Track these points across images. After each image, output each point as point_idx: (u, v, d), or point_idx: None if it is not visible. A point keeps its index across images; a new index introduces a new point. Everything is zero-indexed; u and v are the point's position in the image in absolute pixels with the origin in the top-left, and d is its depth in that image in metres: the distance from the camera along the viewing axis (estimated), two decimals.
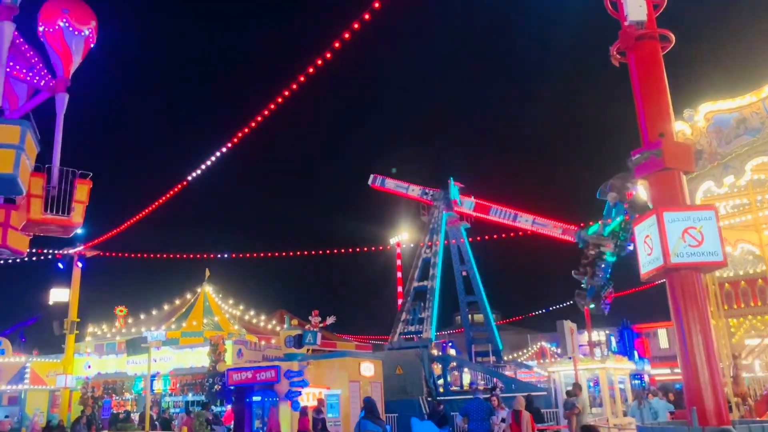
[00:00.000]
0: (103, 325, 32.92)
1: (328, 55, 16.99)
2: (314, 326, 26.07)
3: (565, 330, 16.02)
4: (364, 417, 10.57)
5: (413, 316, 35.35)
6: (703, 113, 12.37)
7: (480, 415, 13.44)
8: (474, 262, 40.41)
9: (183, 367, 27.65)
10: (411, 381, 30.79)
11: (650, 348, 54.70)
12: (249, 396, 24.99)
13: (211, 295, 32.74)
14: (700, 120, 12.38)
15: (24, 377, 28.74)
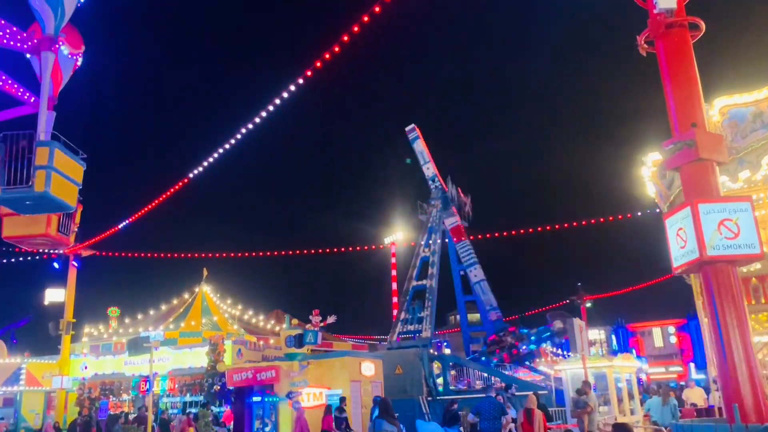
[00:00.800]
0: (100, 325, 32.51)
1: (327, 56, 16.76)
2: (315, 326, 25.81)
3: (574, 327, 15.85)
4: (378, 416, 10.37)
5: (412, 315, 35.17)
6: (719, 107, 12.23)
7: (492, 414, 13.24)
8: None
9: (182, 368, 27.32)
10: (411, 380, 30.58)
11: (645, 347, 54.95)
12: (249, 396, 24.70)
13: (209, 295, 32.40)
14: (715, 114, 12.24)
15: (19, 378, 28.28)
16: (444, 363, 34.27)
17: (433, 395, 30.72)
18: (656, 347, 55.56)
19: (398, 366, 30.91)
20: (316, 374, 24.19)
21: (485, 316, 39.82)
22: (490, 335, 38.86)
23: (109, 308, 33.45)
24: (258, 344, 29.90)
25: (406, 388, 29.47)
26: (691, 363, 51.35)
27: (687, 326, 53.00)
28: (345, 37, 14.78)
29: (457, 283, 40.72)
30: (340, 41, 15.20)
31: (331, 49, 15.56)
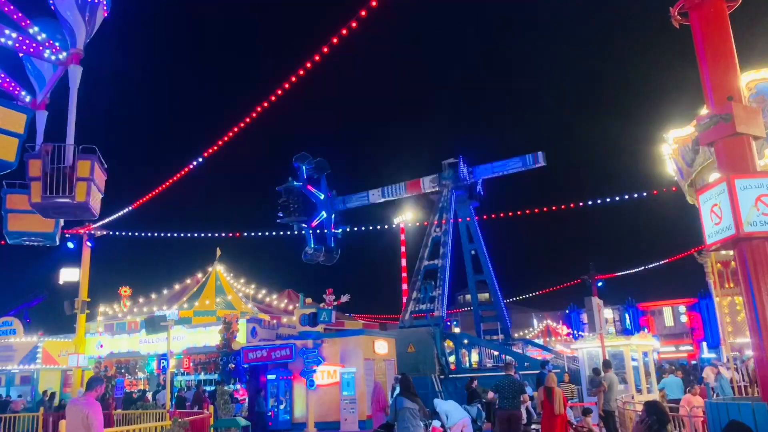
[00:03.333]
0: (114, 304, 32.73)
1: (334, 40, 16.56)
2: (328, 304, 25.91)
3: (592, 306, 15.78)
4: (399, 394, 10.36)
5: (424, 294, 35.23)
6: (746, 82, 11.96)
7: (511, 393, 13.20)
8: (482, 241, 40.19)
9: (196, 346, 27.51)
10: (423, 359, 30.76)
11: (655, 326, 54.89)
12: (263, 374, 24.92)
13: (223, 275, 32.52)
14: (742, 89, 11.98)
15: (36, 357, 28.63)
16: (456, 341, 34.39)
17: (446, 373, 30.90)
18: (666, 326, 55.51)
19: (411, 344, 31.08)
20: (330, 352, 24.35)
21: (496, 295, 39.84)
22: (502, 313, 38.93)
23: (121, 288, 33.66)
24: (272, 323, 30.04)
25: (418, 367, 29.64)
26: (703, 342, 51.31)
27: (698, 305, 52.85)
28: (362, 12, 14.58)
29: (468, 262, 40.68)
30: (348, 26, 15.02)
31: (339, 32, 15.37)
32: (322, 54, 17.04)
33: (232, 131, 21.26)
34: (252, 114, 20.94)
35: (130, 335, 29.35)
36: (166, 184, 24.13)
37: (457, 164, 38.75)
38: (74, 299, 27.57)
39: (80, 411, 7.40)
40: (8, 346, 29.36)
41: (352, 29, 15.58)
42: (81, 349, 26.96)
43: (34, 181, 10.69)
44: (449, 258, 36.12)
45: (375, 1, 15.03)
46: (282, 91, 19.65)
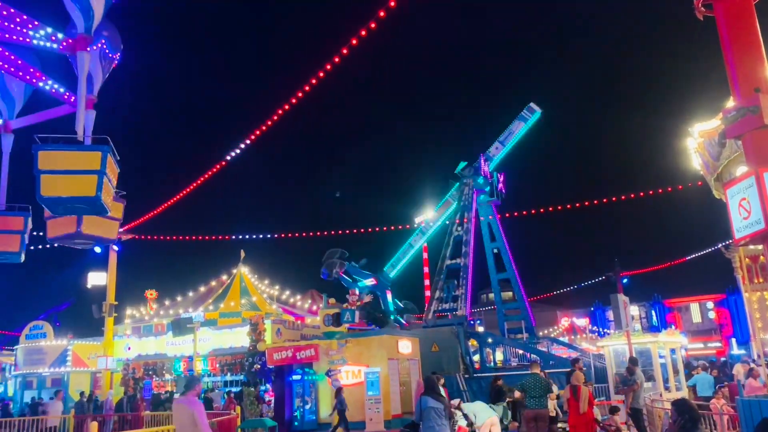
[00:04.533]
0: (141, 307, 33.21)
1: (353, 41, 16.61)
2: (352, 305, 26.08)
3: (618, 303, 15.62)
4: (424, 394, 10.38)
5: (447, 294, 35.19)
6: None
7: (538, 391, 13.14)
8: (505, 239, 40.02)
9: (222, 348, 27.78)
10: (447, 358, 30.69)
11: (682, 323, 54.16)
12: (289, 375, 25.07)
13: (247, 276, 32.82)
14: None
15: (66, 360, 29.14)
16: (480, 340, 34.27)
17: (470, 372, 30.79)
18: (694, 323, 54.78)
19: (434, 344, 31.02)
20: (354, 352, 24.40)
21: (520, 294, 39.64)
22: (526, 311, 38.70)
23: (147, 291, 34.14)
24: (296, 323, 30.21)
25: (443, 366, 29.55)
26: (732, 338, 50.53)
27: (726, 301, 52.07)
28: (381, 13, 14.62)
29: (491, 261, 40.53)
30: (376, 17, 15.05)
31: (368, 25, 15.41)
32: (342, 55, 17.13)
33: (254, 134, 21.47)
34: (273, 117, 21.13)
35: (157, 337, 29.73)
36: (190, 188, 24.47)
37: (477, 162, 38.65)
38: (102, 303, 28.07)
39: (186, 410, 8.00)
40: (39, 350, 29.92)
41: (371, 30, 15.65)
42: (109, 352, 27.41)
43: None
44: (471, 257, 36.02)
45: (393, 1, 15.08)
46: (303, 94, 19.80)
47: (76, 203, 10.52)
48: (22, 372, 30.40)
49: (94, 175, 10.12)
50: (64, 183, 9.91)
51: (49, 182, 9.95)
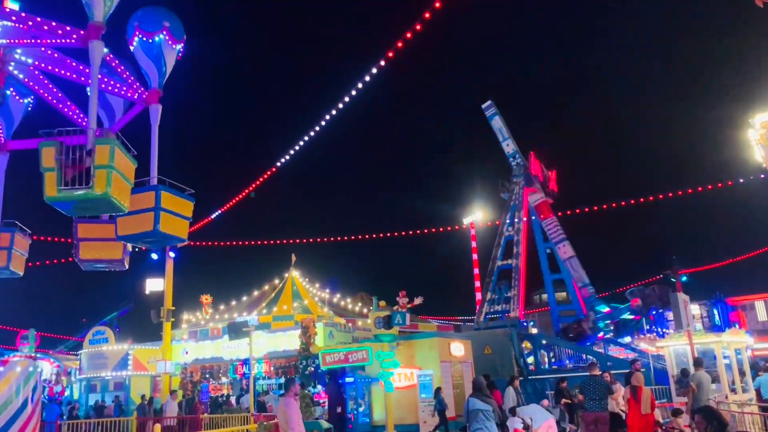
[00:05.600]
0: (197, 312, 34.02)
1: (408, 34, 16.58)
2: (402, 307, 25.96)
3: (678, 302, 15.09)
4: (471, 395, 10.26)
5: (498, 295, 34.80)
6: None
7: (597, 394, 12.80)
8: None
9: (276, 351, 28.18)
10: (501, 360, 30.31)
11: (747, 321, 51.98)
12: (342, 377, 25.19)
13: (299, 280, 33.25)
14: None
15: (127, 364, 30.07)
16: (534, 342, 33.71)
17: (525, 375, 30.34)
18: (760, 321, 52.45)
19: (487, 346, 30.69)
20: (406, 355, 24.32)
21: (574, 295, 38.85)
22: (581, 313, 37.87)
23: (202, 296, 34.95)
24: (347, 326, 30.41)
25: (496, 368, 29.21)
26: None
27: None
28: (427, 14, 14.57)
29: (543, 261, 39.86)
30: (422, 18, 15.02)
31: (413, 27, 15.41)
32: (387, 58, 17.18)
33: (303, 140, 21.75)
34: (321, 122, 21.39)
35: (213, 341, 30.37)
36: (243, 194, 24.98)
37: (527, 160, 38.11)
38: (160, 308, 28.86)
39: (282, 409, 8.92)
40: (101, 354, 30.98)
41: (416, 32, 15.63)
42: (168, 356, 28.11)
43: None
44: (523, 257, 35.50)
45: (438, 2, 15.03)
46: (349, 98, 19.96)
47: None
48: (87, 376, 31.55)
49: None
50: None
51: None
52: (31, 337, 35.83)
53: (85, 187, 9.36)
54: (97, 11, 10.34)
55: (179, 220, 11.50)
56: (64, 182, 9.32)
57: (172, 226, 11.45)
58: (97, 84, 10.45)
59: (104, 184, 9.44)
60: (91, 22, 9.87)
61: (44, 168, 9.36)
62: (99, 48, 10.33)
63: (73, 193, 9.39)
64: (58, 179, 9.27)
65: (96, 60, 10.25)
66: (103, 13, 10.45)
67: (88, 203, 9.81)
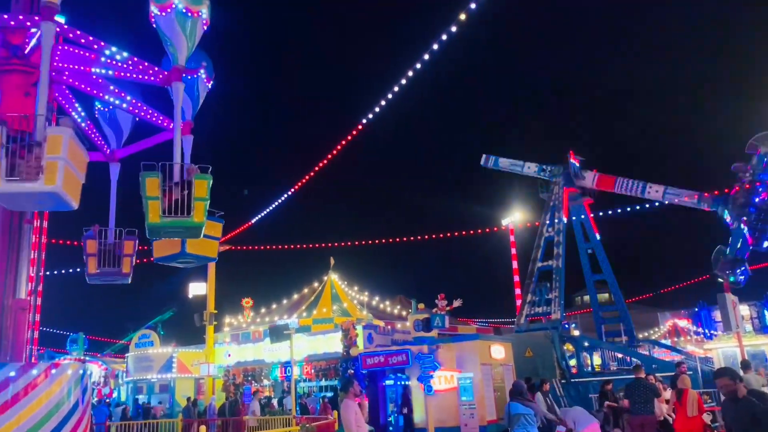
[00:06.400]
0: (239, 315, 34.54)
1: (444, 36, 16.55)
2: (441, 309, 25.87)
3: (726, 303, 14.67)
4: (513, 399, 10.15)
5: (539, 297, 34.33)
6: None
7: (643, 397, 12.53)
8: (599, 239, 38.57)
9: (316, 353, 28.38)
10: (542, 363, 29.91)
11: None
12: (382, 380, 25.23)
13: (337, 283, 33.46)
14: None
15: (172, 366, 30.74)
16: (576, 344, 33.18)
17: (567, 377, 29.90)
18: None
19: (528, 349, 30.31)
20: (446, 357, 24.23)
21: (618, 295, 38.11)
22: (625, 314, 37.04)
23: (243, 299, 35.47)
24: (387, 329, 30.43)
25: (537, 371, 28.82)
26: None
27: None
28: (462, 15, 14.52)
29: (585, 262, 39.14)
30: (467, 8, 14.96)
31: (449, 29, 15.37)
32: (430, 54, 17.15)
33: (341, 144, 21.89)
34: (358, 126, 21.49)
35: (254, 344, 30.76)
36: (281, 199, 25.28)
37: (567, 159, 37.54)
38: (203, 312, 29.43)
39: (341, 411, 9.42)
40: (147, 357, 31.75)
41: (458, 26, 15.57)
42: (211, 359, 28.66)
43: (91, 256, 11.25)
44: (564, 258, 34.98)
45: None
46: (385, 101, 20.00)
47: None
48: (133, 378, 32.37)
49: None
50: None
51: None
52: (80, 340, 36.99)
53: (186, 216, 9.90)
54: (180, 56, 10.90)
55: (208, 241, 11.91)
56: (167, 211, 9.81)
57: (202, 247, 11.99)
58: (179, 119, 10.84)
59: (202, 214, 10.03)
60: (175, 65, 10.37)
61: (148, 196, 9.80)
62: (180, 88, 10.82)
63: (174, 221, 9.90)
64: (161, 208, 9.79)
65: (179, 99, 10.71)
66: (185, 57, 10.94)
67: (180, 230, 10.41)
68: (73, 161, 8.92)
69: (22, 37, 9.89)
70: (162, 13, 10.59)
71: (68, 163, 8.68)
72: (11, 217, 9.20)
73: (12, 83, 9.64)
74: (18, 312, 8.99)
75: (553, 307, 32.98)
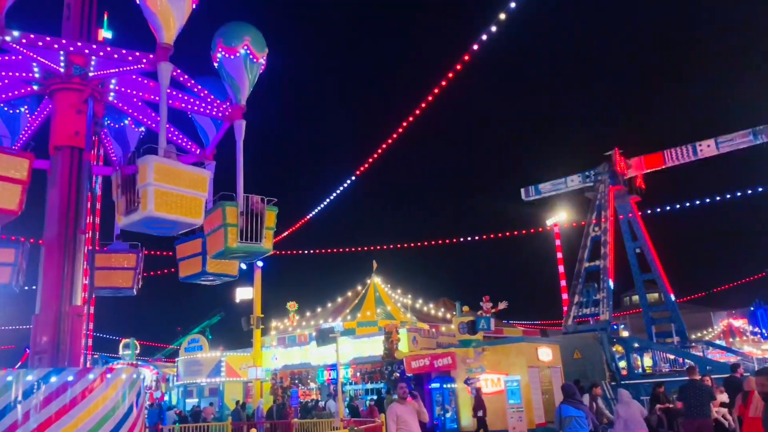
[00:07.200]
0: (285, 319, 34.94)
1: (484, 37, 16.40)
2: (486, 312, 25.66)
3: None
4: (564, 401, 9.95)
5: (586, 298, 33.67)
6: None
7: (698, 400, 12.10)
8: (647, 238, 37.66)
9: (362, 356, 28.48)
10: (591, 365, 29.31)
11: None
12: (427, 383, 25.15)
13: (381, 286, 33.54)
14: None
15: (220, 370, 31.28)
16: (626, 346, 32.40)
17: (617, 380, 29.22)
18: None
19: (576, 350, 29.79)
20: (492, 360, 24.03)
21: (667, 294, 37.14)
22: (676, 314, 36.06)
23: (288, 303, 35.86)
24: (431, 332, 30.35)
25: (586, 373, 28.27)
26: None
27: None
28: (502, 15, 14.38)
29: (633, 261, 38.30)
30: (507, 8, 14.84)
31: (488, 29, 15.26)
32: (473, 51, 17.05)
33: (381, 148, 21.94)
34: (399, 130, 21.51)
35: (300, 347, 31.06)
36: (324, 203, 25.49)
37: (612, 157, 36.79)
38: (249, 316, 29.89)
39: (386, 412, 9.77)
40: (197, 361, 32.39)
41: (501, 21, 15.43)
42: (258, 362, 29.05)
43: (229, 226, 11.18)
44: (612, 258, 34.25)
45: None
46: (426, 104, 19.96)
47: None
48: (184, 382, 33.07)
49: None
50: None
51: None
52: (131, 345, 37.95)
53: (258, 243, 10.91)
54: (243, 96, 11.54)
55: (228, 261, 12.29)
56: (243, 237, 10.76)
57: (222, 266, 12.74)
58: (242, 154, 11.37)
59: (270, 242, 11.23)
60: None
61: (227, 223, 10.73)
62: (242, 126, 11.45)
63: (248, 247, 10.89)
64: (238, 234, 10.75)
65: (241, 136, 11.35)
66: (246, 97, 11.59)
67: (249, 254, 11.46)
68: (173, 182, 9.45)
69: (85, 58, 10.25)
70: (230, 56, 11.25)
71: (162, 186, 9.25)
72: (66, 227, 9.51)
73: (66, 101, 10.03)
74: (74, 318, 9.29)
75: (601, 308, 32.30)
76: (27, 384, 7.90)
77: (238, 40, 11.33)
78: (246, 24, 11.70)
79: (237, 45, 11.32)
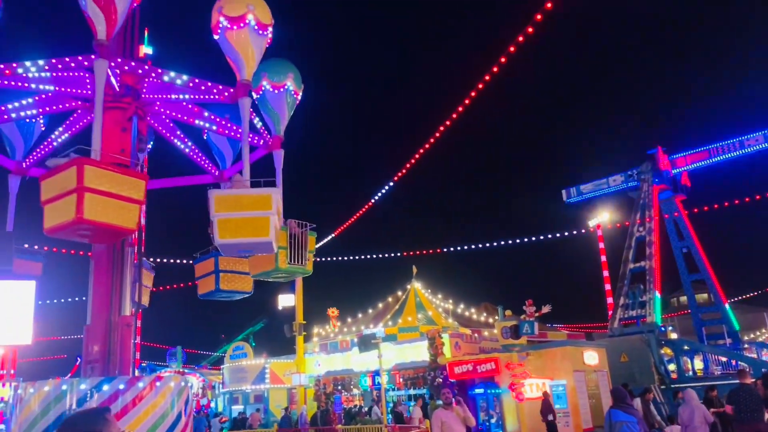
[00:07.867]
0: (326, 325, 35.15)
1: (520, 38, 16.26)
2: (529, 316, 25.32)
3: None
4: (614, 406, 9.71)
5: (632, 300, 32.99)
6: None
7: (751, 404, 11.67)
8: (694, 237, 36.66)
9: (404, 362, 28.43)
10: (639, 368, 28.70)
11: None
12: (471, 389, 24.96)
13: (421, 291, 33.44)
14: None
15: (265, 377, 31.63)
16: (675, 348, 31.58)
17: (666, 383, 28.53)
18: None
19: (623, 354, 29.22)
20: (536, 365, 23.72)
21: (717, 295, 36.06)
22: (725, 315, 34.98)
23: (329, 309, 36.06)
24: (474, 336, 30.12)
25: (634, 377, 27.69)
26: None
27: None
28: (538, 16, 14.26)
29: (680, 261, 37.32)
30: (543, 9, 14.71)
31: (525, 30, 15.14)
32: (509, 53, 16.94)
33: (418, 153, 21.95)
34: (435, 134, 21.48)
35: (343, 353, 31.19)
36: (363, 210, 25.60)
37: (655, 155, 36.00)
38: (292, 323, 30.15)
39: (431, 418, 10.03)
40: (242, 368, 32.83)
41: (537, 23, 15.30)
42: (302, 369, 29.26)
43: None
44: (657, 258, 33.45)
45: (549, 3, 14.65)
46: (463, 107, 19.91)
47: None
48: (229, 389, 33.55)
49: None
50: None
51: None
52: (178, 353, 38.74)
53: (303, 266, 11.89)
54: (282, 128, 11.97)
55: (243, 277, 12.94)
56: (290, 259, 11.66)
57: (235, 284, 13.03)
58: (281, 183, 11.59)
59: (311, 264, 12.17)
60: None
61: (279, 246, 11.34)
62: (281, 155, 11.82)
63: (295, 269, 11.87)
64: (287, 256, 11.65)
65: (280, 165, 11.73)
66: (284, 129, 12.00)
67: (292, 273, 12.41)
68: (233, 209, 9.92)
69: (137, 79, 10.63)
70: (275, 91, 11.80)
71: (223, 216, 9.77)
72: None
73: (111, 119, 10.32)
74: (124, 328, 9.54)
75: (648, 310, 31.61)
76: (81, 392, 8.14)
77: (282, 76, 11.91)
78: (288, 61, 12.41)
79: (282, 81, 11.85)
